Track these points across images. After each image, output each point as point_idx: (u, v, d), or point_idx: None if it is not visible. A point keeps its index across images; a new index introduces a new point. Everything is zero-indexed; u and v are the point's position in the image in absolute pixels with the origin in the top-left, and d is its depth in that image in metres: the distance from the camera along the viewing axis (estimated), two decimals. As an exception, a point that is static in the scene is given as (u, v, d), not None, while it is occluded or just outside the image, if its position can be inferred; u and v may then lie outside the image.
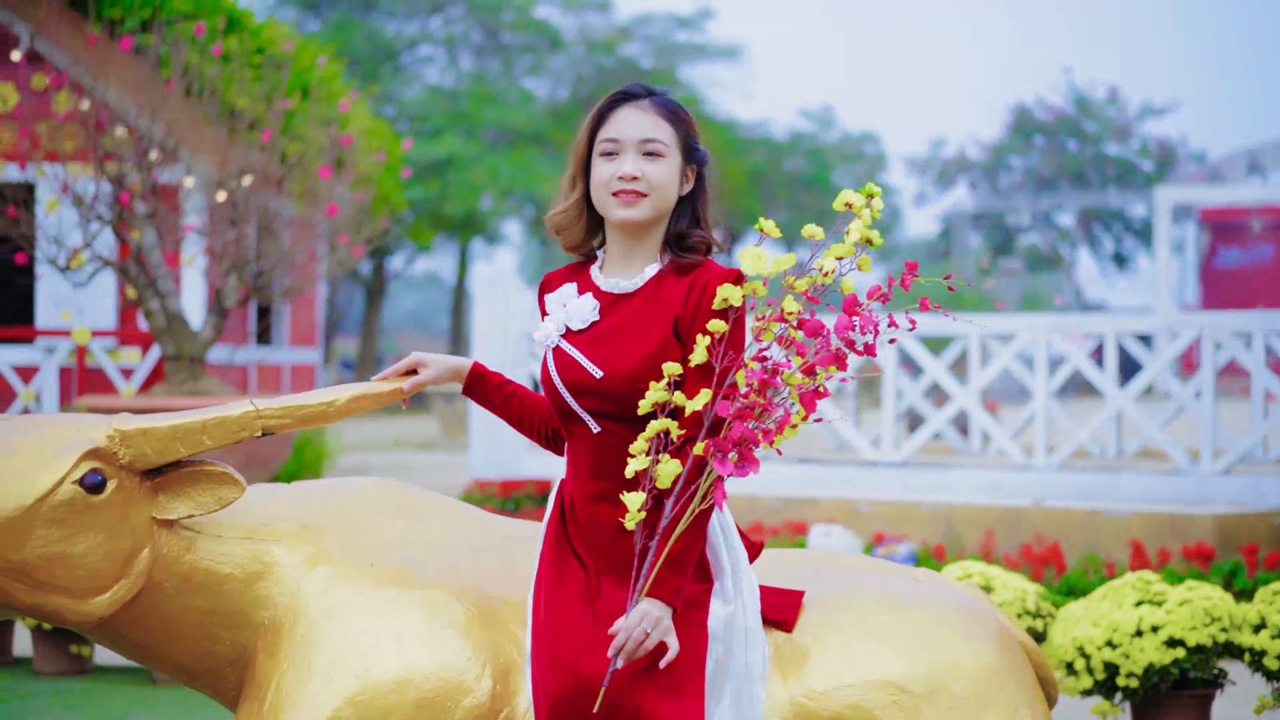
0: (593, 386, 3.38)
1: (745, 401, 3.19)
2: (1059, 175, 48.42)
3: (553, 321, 3.47)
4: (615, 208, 3.40)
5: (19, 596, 3.49)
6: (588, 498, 3.45)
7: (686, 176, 3.47)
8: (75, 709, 6.50)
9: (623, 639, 3.23)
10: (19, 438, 3.56)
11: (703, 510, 3.27)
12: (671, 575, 3.27)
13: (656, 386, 3.23)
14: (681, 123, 3.46)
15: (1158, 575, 5.74)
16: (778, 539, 9.33)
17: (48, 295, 13.17)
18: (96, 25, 12.46)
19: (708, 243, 3.47)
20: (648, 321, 3.39)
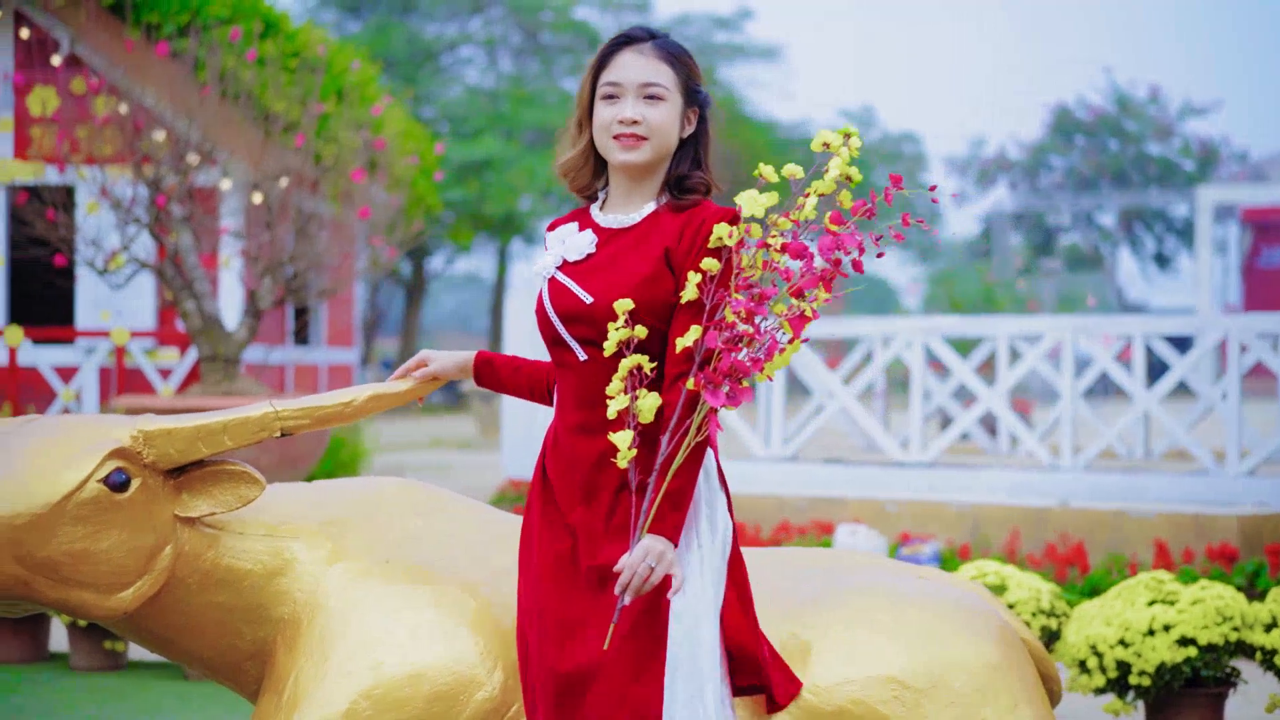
0: (583, 313, 3.41)
1: (733, 332, 3.22)
2: (1100, 175, 48.22)
3: (551, 255, 3.53)
4: (616, 151, 3.45)
5: (45, 591, 3.61)
6: (571, 429, 3.48)
7: (689, 119, 3.51)
8: (108, 704, 6.63)
9: (628, 576, 3.24)
10: (46, 438, 3.69)
11: (698, 444, 3.30)
12: (670, 511, 3.29)
13: (615, 326, 3.25)
14: (683, 66, 3.49)
15: (1171, 575, 5.79)
16: (805, 538, 9.41)
17: (88, 296, 13.36)
18: (135, 30, 12.64)
19: (707, 184, 3.51)
20: (641, 253, 3.43)
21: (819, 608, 3.96)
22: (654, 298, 3.36)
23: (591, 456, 3.42)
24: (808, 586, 4.03)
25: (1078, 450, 10.14)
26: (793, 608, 3.95)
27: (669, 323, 3.37)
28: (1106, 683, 5.56)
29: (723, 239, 3.29)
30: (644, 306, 3.34)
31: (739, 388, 3.24)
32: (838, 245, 3.25)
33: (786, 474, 10.66)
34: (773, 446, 10.90)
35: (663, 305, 3.37)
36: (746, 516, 10.01)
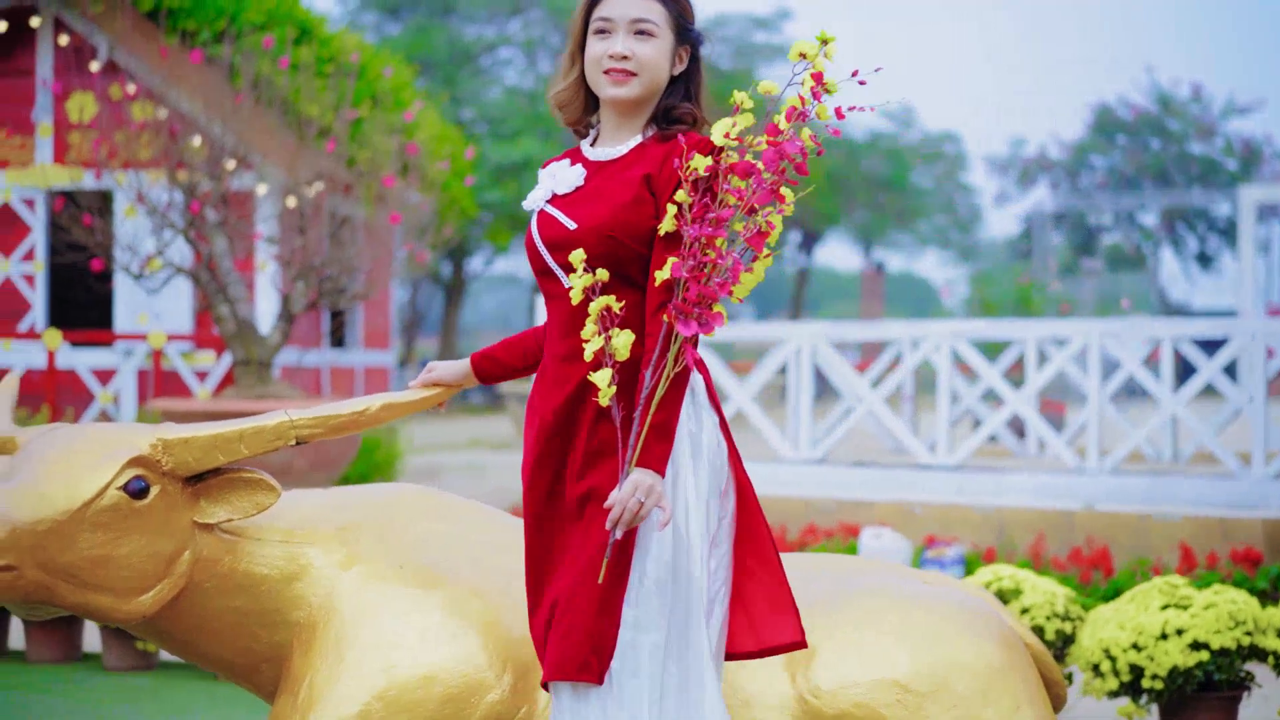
0: (567, 239, 3.45)
1: (696, 260, 3.26)
2: (1142, 174, 48.00)
3: (541, 189, 3.57)
4: (606, 85, 3.48)
5: (66, 595, 3.71)
6: (558, 359, 3.50)
7: (680, 57, 3.55)
8: (139, 703, 6.75)
9: (618, 511, 3.27)
10: (67, 446, 3.79)
11: (678, 375, 3.33)
12: (656, 443, 3.32)
13: (576, 276, 3.31)
14: (674, 3, 3.52)
15: (1185, 580, 5.83)
16: (831, 541, 9.47)
17: (126, 300, 13.52)
18: (172, 37, 12.79)
19: (694, 115, 3.53)
20: (624, 180, 3.46)
21: (823, 611, 4.03)
22: (635, 222, 3.40)
23: (574, 383, 3.45)
24: (812, 591, 4.09)
25: (1104, 453, 10.17)
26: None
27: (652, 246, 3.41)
28: (1120, 686, 5.60)
29: (699, 170, 3.31)
30: (625, 230, 3.39)
31: (710, 314, 3.27)
32: (781, 155, 3.26)
33: (814, 476, 10.72)
34: (801, 449, 10.96)
35: (645, 230, 3.40)
36: (774, 519, 10.07)
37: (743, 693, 3.93)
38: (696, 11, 3.60)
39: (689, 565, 3.41)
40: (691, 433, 3.45)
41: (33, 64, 13.83)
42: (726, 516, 3.51)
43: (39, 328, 13.68)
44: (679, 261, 3.27)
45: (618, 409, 3.34)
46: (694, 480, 3.44)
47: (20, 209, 13.79)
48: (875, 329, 11.58)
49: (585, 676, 3.34)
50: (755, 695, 3.94)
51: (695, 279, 3.26)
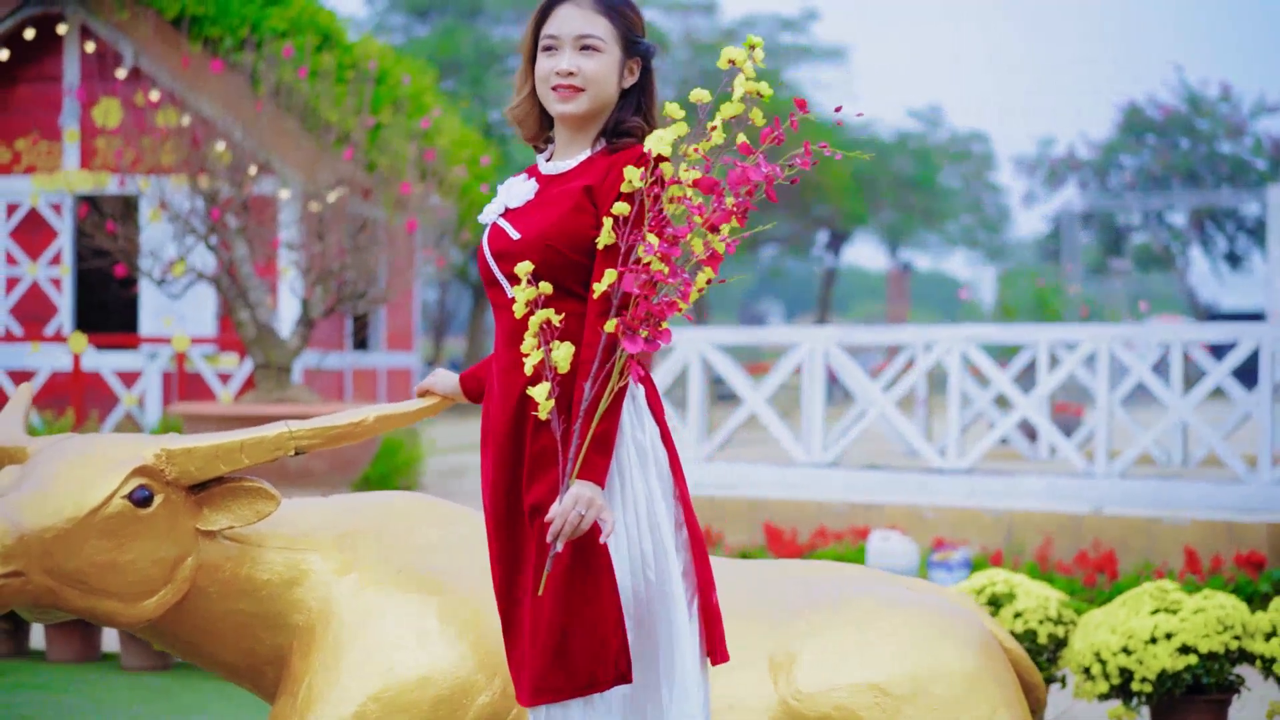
0: (512, 249, 3.49)
1: (648, 275, 3.25)
2: (1170, 174, 47.90)
3: (496, 203, 3.62)
4: (554, 102, 3.53)
5: (74, 600, 3.86)
6: (504, 368, 3.55)
7: (630, 70, 3.57)
8: (155, 702, 6.89)
9: (559, 524, 3.29)
10: (75, 456, 3.94)
11: (620, 389, 3.34)
12: (597, 456, 3.34)
13: (519, 289, 3.32)
14: (621, 18, 3.54)
15: (1176, 584, 5.93)
16: (841, 544, 9.57)
17: (151, 303, 13.71)
18: (195, 44, 12.97)
19: (642, 129, 3.54)
20: (568, 190, 3.50)
21: (805, 618, 4.15)
22: (574, 231, 3.43)
23: (517, 390, 3.49)
24: (795, 597, 4.22)
25: (1114, 457, 10.26)
26: (780, 618, 4.15)
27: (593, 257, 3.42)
28: (1110, 689, 5.70)
29: (633, 181, 3.31)
30: (564, 240, 3.43)
31: (657, 331, 3.29)
32: (745, 178, 3.27)
33: (826, 479, 10.84)
34: (813, 452, 11.07)
35: (584, 239, 3.42)
36: (785, 521, 10.19)
37: (727, 696, 4.05)
38: (724, 13, 3.62)
39: (667, 568, 3.46)
40: (638, 440, 3.48)
41: (59, 70, 14.03)
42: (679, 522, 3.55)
43: (66, 331, 13.87)
44: (629, 276, 3.27)
45: (558, 422, 3.35)
46: (644, 486, 3.47)
47: (47, 214, 13.98)
48: (887, 333, 11.69)
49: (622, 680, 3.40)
50: (739, 699, 4.06)
51: (645, 296, 3.27)
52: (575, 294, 3.45)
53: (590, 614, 3.40)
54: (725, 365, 11.42)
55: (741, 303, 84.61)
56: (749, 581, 4.34)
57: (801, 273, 70.82)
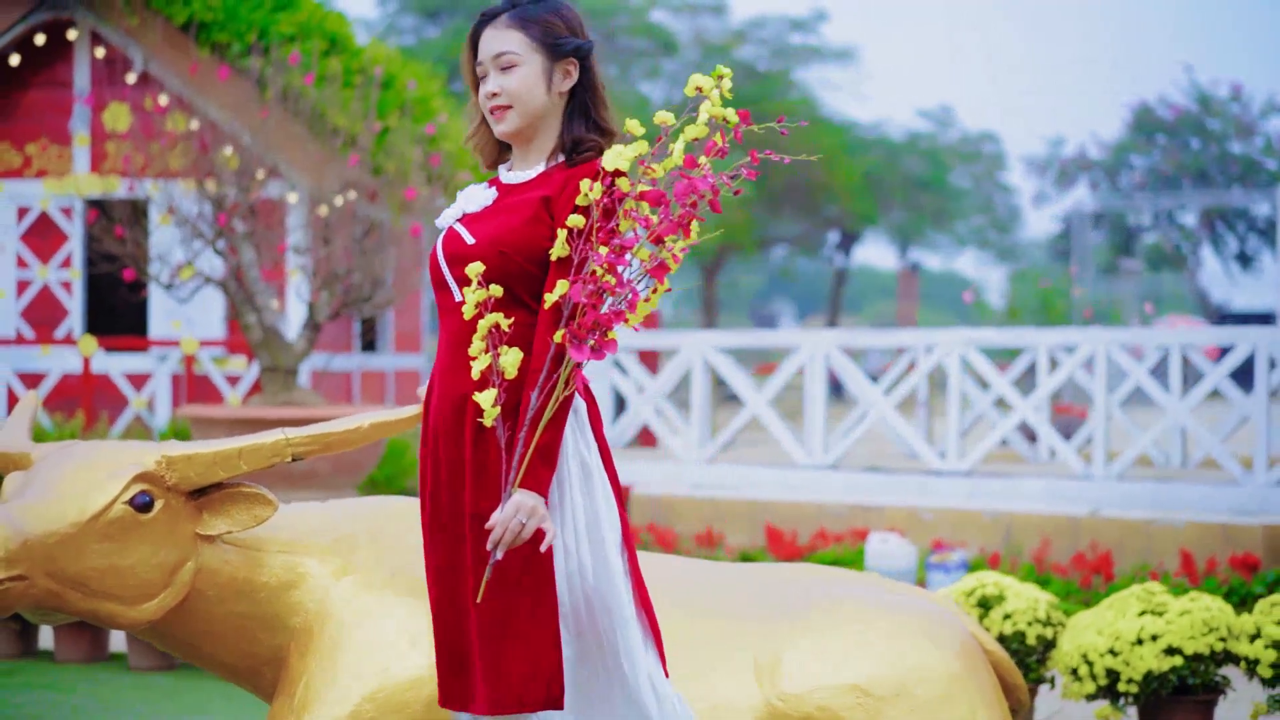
0: (465, 254, 3.53)
1: (596, 285, 3.30)
2: (1181, 174, 47.89)
3: (455, 207, 3.68)
4: (493, 124, 3.63)
5: (76, 603, 3.97)
6: (444, 369, 3.59)
7: (566, 72, 3.61)
8: (161, 701, 7.01)
9: (499, 532, 3.32)
10: (78, 463, 4.05)
11: (565, 399, 3.37)
12: (541, 466, 3.36)
13: (469, 290, 3.36)
14: (537, 25, 3.59)
15: (1163, 587, 6.03)
16: (841, 545, 9.68)
17: (160, 306, 13.84)
18: (205, 50, 13.09)
19: (600, 145, 3.57)
20: (527, 200, 3.54)
21: (789, 621, 4.25)
22: (529, 240, 3.47)
23: (457, 395, 3.53)
24: (779, 601, 4.32)
25: (1112, 459, 10.35)
26: (765, 621, 4.25)
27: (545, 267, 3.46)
28: (1096, 689, 5.80)
29: (588, 195, 3.37)
30: (518, 248, 3.47)
31: (604, 341, 3.32)
32: (692, 189, 3.30)
33: (827, 481, 10.94)
34: (814, 454, 11.17)
35: (538, 249, 3.46)
36: (786, 523, 10.30)
37: (713, 698, 4.15)
38: (734, 13, 3.66)
39: (613, 583, 3.50)
40: (582, 456, 3.52)
41: (70, 76, 14.16)
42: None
43: (76, 334, 14.00)
44: (578, 286, 3.31)
45: (503, 429, 3.38)
46: (586, 502, 3.51)
47: (58, 217, 14.12)
48: (888, 336, 11.79)
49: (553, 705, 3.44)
50: (725, 700, 4.17)
51: (593, 305, 3.31)
52: (525, 303, 3.49)
53: (526, 632, 3.44)
54: (728, 368, 11.52)
55: (752, 303, 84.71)
56: (734, 585, 4.45)
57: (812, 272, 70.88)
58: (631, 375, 12.05)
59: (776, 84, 42.64)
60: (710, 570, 4.61)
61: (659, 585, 4.39)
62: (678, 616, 4.27)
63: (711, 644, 4.25)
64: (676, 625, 4.25)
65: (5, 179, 14.13)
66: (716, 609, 4.35)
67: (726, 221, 38.28)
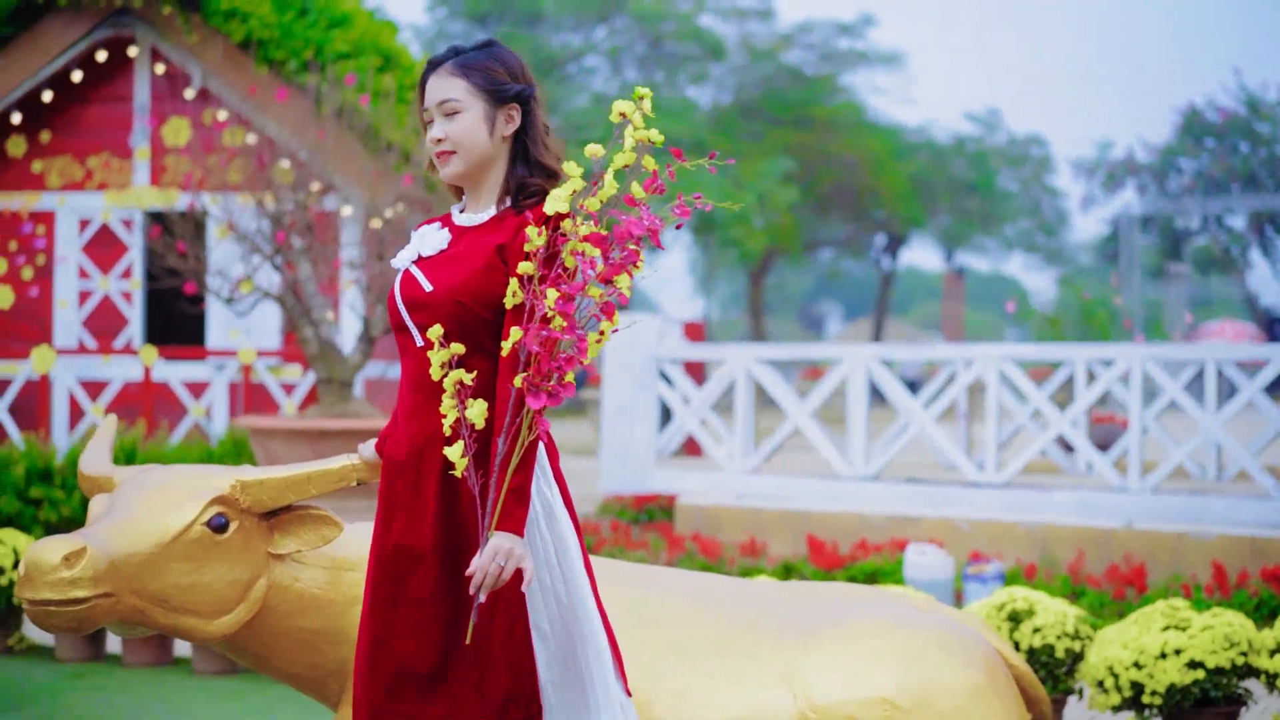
0: (423, 300, 3.63)
1: (547, 331, 3.35)
2: (1230, 177, 47.74)
3: (409, 249, 3.77)
4: (438, 169, 3.73)
5: (158, 618, 4.27)
6: (406, 412, 3.70)
7: (508, 117, 3.71)
8: (224, 704, 7.31)
9: (480, 576, 3.40)
10: (158, 486, 4.34)
11: (532, 441, 3.45)
12: (515, 507, 3.45)
13: (434, 352, 3.46)
14: (479, 72, 3.68)
15: (1187, 602, 6.26)
16: (881, 556, 9.91)
17: (217, 317, 14.18)
18: (262, 66, 13.43)
19: (544, 189, 3.65)
20: (481, 247, 3.62)
21: (819, 635, 4.51)
22: (485, 289, 3.56)
23: (420, 438, 3.65)
24: (809, 616, 4.58)
25: (1148, 471, 10.55)
26: (796, 635, 4.51)
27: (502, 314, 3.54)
28: (1122, 701, 6.04)
29: (533, 241, 3.44)
30: (475, 297, 3.56)
31: (561, 386, 3.40)
32: (628, 234, 3.38)
33: (868, 493, 11.18)
34: (856, 466, 11.42)
35: (494, 297, 3.55)
36: (828, 534, 10.54)
37: (748, 709, 4.40)
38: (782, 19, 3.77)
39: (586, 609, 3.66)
40: (543, 494, 3.64)
41: (130, 91, 14.52)
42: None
43: (136, 343, 14.36)
44: (531, 335, 3.38)
45: (474, 478, 3.46)
46: (551, 535, 3.64)
47: (118, 229, 14.48)
48: (927, 350, 12.03)
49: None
50: (760, 709, 4.41)
51: (546, 352, 3.37)
52: (486, 350, 3.57)
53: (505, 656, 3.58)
54: (771, 379, 11.77)
55: (800, 304, 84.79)
56: (768, 602, 4.70)
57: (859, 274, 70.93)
58: (677, 386, 12.31)
59: (823, 88, 42.81)
60: (742, 586, 4.87)
61: (694, 599, 4.66)
62: (711, 629, 4.53)
63: (745, 655, 4.49)
64: (710, 637, 4.51)
65: (68, 192, 14.50)
66: (749, 622, 4.59)
67: (773, 225, 38.49)
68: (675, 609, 4.64)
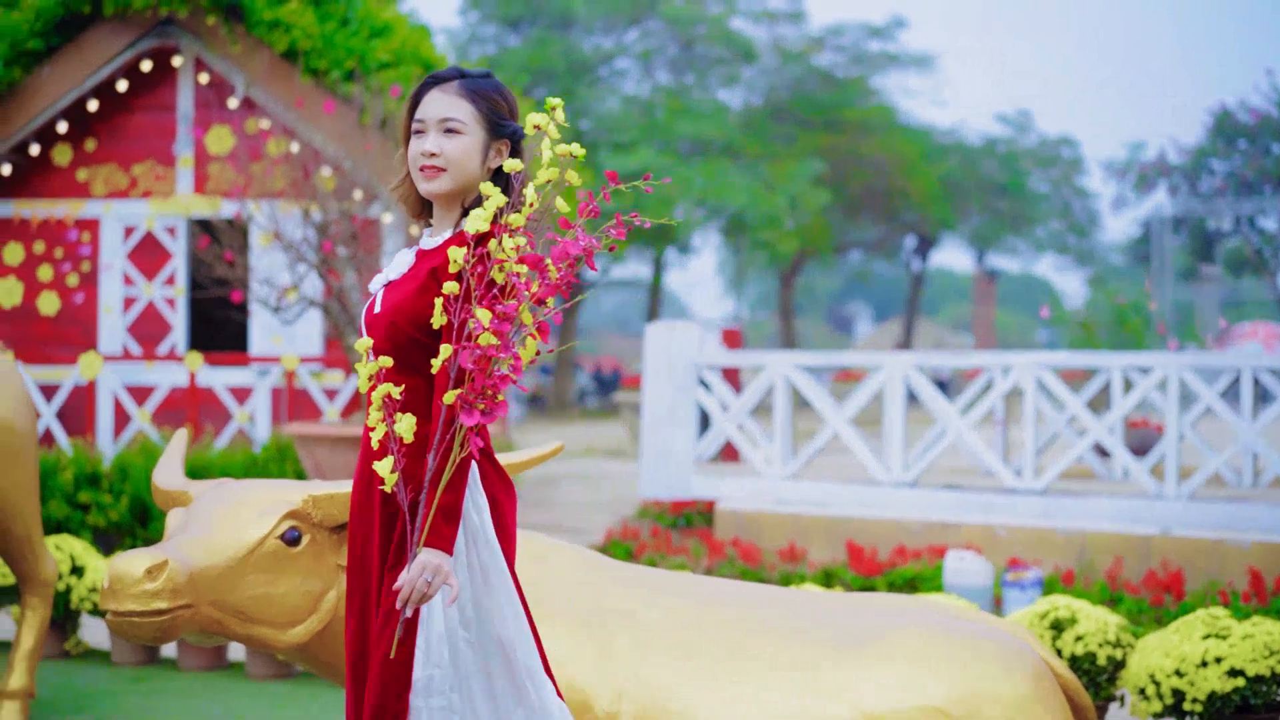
0: (371, 323, 3.75)
1: (482, 349, 3.40)
2: (1262, 178, 47.64)
3: (383, 274, 3.84)
4: (421, 181, 3.75)
5: (235, 629, 4.43)
6: (367, 429, 3.74)
7: (499, 151, 3.76)
8: (279, 708, 7.48)
9: (406, 591, 3.47)
10: (234, 502, 4.51)
11: (462, 460, 3.50)
12: (445, 524, 3.51)
13: (360, 364, 3.56)
14: (485, 101, 3.74)
15: (1226, 611, 6.38)
16: (919, 562, 10.02)
17: (260, 323, 14.37)
18: (306, 76, 13.61)
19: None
20: (419, 270, 3.70)
21: (871, 644, 4.64)
22: (417, 309, 3.62)
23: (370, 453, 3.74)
24: (863, 626, 4.71)
25: (1184, 477, 10.65)
26: (850, 645, 4.64)
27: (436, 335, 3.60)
28: (1163, 708, 6.16)
29: (457, 260, 3.49)
30: (406, 317, 3.64)
31: (494, 404, 3.44)
32: (564, 254, 3.44)
33: (906, 499, 11.30)
34: (893, 472, 11.54)
35: (425, 318, 3.61)
36: (866, 540, 10.66)
37: (800, 718, 4.54)
38: (813, 22, 3.81)
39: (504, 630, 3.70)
40: (468, 516, 3.68)
41: (174, 100, 14.71)
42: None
43: (179, 349, 14.55)
44: (467, 353, 3.42)
45: (404, 493, 3.55)
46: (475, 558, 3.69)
47: (162, 236, 14.68)
48: (965, 358, 12.14)
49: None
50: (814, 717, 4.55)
51: (480, 370, 3.42)
52: (419, 370, 3.64)
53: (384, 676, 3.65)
54: (809, 386, 11.90)
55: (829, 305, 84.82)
56: (819, 612, 4.84)
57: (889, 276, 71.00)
58: (715, 392, 12.45)
59: (854, 91, 42.89)
60: (792, 597, 5.00)
61: (745, 610, 4.80)
62: (763, 639, 4.67)
63: (797, 665, 4.62)
64: (762, 647, 4.64)
65: (113, 199, 14.70)
66: (801, 633, 4.72)
67: (804, 227, 38.58)
68: (727, 620, 4.77)
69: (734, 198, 35.33)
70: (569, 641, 4.62)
